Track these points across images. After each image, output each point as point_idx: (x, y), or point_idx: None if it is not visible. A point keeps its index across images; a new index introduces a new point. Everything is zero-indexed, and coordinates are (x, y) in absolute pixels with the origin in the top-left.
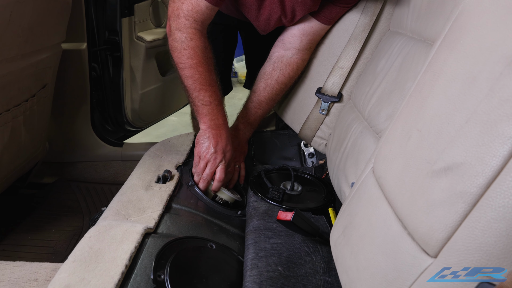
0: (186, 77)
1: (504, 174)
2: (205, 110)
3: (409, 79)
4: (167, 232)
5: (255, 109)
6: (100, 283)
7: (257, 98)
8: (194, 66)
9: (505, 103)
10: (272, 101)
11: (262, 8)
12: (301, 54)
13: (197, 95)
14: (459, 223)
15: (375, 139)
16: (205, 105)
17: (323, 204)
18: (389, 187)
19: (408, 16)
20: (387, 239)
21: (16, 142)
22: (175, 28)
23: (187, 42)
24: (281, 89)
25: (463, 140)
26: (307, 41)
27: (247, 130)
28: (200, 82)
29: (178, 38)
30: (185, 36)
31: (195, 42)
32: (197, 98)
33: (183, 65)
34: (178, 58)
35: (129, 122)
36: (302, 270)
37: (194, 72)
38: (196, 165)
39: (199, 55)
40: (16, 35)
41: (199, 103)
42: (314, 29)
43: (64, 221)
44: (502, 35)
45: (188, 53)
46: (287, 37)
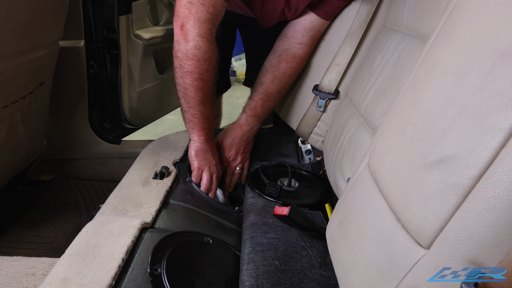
0: (198, 89)
1: (495, 165)
2: (205, 124)
3: (404, 75)
4: (164, 227)
5: (263, 101)
6: (97, 276)
7: (265, 90)
8: (208, 79)
9: (496, 96)
10: (280, 94)
11: (266, 1)
12: (304, 49)
13: (201, 109)
14: (452, 215)
15: (371, 135)
16: (206, 119)
17: (320, 200)
18: (384, 180)
19: (404, 13)
20: (382, 232)
21: (14, 139)
22: (199, 35)
23: (209, 53)
24: (287, 82)
25: (455, 133)
26: (309, 37)
27: (255, 125)
28: (207, 95)
29: (202, 46)
30: (209, 46)
31: (214, 53)
32: (201, 111)
33: (199, 75)
34: (195, 68)
35: (127, 120)
36: (299, 264)
37: (205, 85)
38: (197, 177)
39: (213, 68)
40: (13, 31)
41: (202, 116)
42: (314, 24)
43: (62, 218)
44: (493, 29)
45: (207, 65)
46: (290, 32)
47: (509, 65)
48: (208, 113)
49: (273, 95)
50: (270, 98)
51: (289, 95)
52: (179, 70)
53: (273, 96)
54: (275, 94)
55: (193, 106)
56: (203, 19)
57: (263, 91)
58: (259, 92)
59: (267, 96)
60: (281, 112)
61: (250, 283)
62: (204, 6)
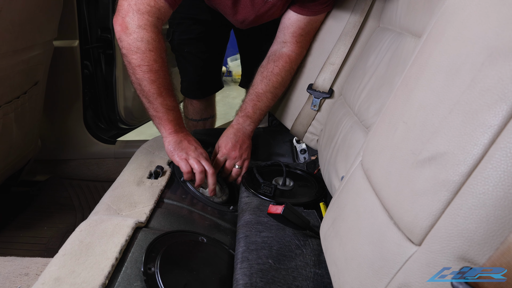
0: (151, 82)
1: (484, 162)
2: (170, 116)
3: (397, 74)
4: (158, 226)
5: (253, 101)
6: (90, 275)
7: (255, 90)
8: (159, 69)
9: (486, 93)
10: (270, 93)
11: (237, 13)
12: (289, 47)
13: (161, 101)
14: (442, 211)
15: (365, 134)
16: (170, 110)
17: (314, 199)
18: (376, 178)
19: (397, 12)
20: (374, 229)
21: (8, 139)
22: (138, 26)
23: (153, 43)
24: (277, 81)
25: (446, 130)
26: (290, 34)
27: (247, 124)
28: (164, 86)
29: (144, 37)
30: (151, 37)
31: (160, 43)
32: (161, 103)
33: (148, 68)
34: (142, 60)
35: (122, 120)
36: (293, 262)
37: (158, 76)
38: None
39: (163, 58)
40: (7, 31)
41: (164, 108)
42: (292, 21)
43: (56, 218)
44: (484, 27)
45: (154, 56)
46: (277, 32)
47: (498, 63)
48: (170, 103)
49: (264, 95)
50: (261, 98)
51: (283, 94)
52: (129, 67)
53: (264, 96)
54: (266, 94)
55: (152, 100)
56: (143, 10)
57: (252, 92)
58: (250, 93)
59: (256, 97)
60: (276, 112)
61: (244, 281)
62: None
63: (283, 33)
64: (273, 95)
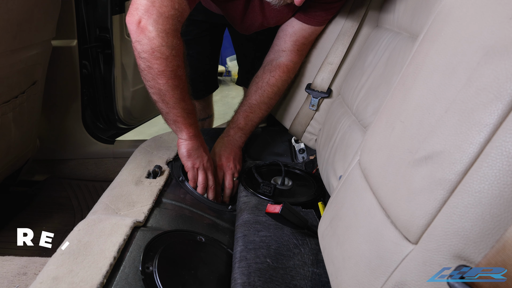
0: (174, 87)
1: (480, 160)
2: (191, 120)
3: (395, 73)
4: (157, 226)
5: (246, 113)
6: (88, 275)
7: (248, 101)
8: (182, 74)
9: (481, 92)
10: (264, 104)
11: (245, 17)
12: (288, 56)
13: (183, 105)
14: (439, 210)
15: (363, 133)
16: (190, 113)
17: (313, 198)
18: (374, 177)
19: (395, 12)
20: (371, 228)
21: (6, 139)
22: (165, 32)
23: (178, 48)
24: (273, 92)
25: (442, 129)
26: (291, 42)
27: (238, 136)
28: (186, 91)
29: (168, 43)
30: (176, 42)
31: (181, 47)
32: (183, 108)
33: (172, 73)
34: (166, 66)
35: (121, 120)
36: (291, 262)
37: (181, 81)
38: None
39: (185, 63)
40: (4, 30)
41: (185, 113)
42: (295, 29)
43: (55, 218)
44: (479, 26)
45: (178, 61)
46: (275, 40)
47: (493, 62)
48: (190, 107)
49: (257, 106)
50: (254, 109)
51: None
52: (149, 72)
53: (257, 107)
54: (260, 105)
55: (174, 106)
56: (167, 14)
57: (246, 103)
58: (243, 105)
59: (249, 108)
60: (275, 111)
61: (242, 280)
62: (170, 1)
63: (283, 40)
64: (267, 106)
